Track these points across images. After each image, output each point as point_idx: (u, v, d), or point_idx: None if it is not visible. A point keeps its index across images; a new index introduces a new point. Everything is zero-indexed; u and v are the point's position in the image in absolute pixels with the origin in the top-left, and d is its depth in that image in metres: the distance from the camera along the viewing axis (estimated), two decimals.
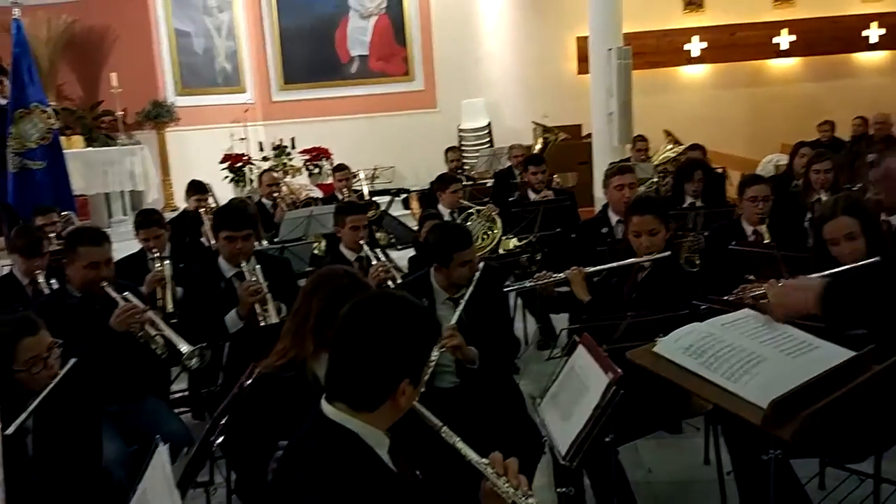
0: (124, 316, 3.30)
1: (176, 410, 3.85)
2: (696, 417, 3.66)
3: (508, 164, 8.17)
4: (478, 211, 5.89)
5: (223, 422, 2.25)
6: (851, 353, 2.13)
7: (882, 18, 11.91)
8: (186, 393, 4.39)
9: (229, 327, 3.68)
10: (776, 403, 1.91)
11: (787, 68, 12.35)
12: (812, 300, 1.68)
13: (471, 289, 3.31)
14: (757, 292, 3.40)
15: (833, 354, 2.15)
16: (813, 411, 1.92)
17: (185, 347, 3.30)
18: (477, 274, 3.33)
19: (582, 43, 10.60)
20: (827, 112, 10.08)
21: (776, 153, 9.11)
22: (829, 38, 11.94)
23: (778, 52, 12.16)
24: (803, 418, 1.90)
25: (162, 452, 1.81)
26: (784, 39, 12.06)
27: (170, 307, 4.07)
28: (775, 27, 12.06)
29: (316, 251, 6.03)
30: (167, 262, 4.38)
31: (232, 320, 3.69)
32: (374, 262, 4.37)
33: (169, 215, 6.44)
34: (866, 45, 12.08)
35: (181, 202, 8.50)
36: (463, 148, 10.74)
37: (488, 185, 7.87)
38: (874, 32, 11.99)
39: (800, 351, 2.19)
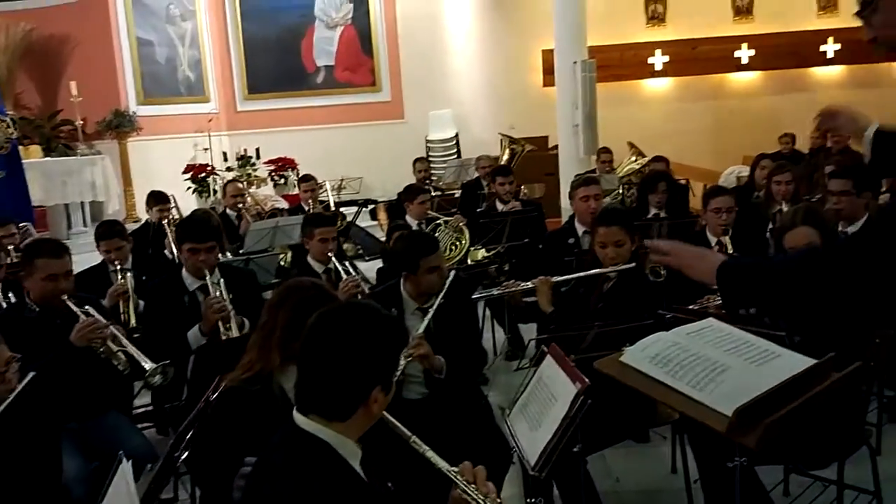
0: (86, 331, 3.23)
1: (139, 426, 3.77)
2: (663, 426, 3.70)
3: (476, 175, 8.19)
4: (445, 222, 5.89)
5: (188, 436, 2.21)
6: (812, 361, 2.17)
7: (838, 34, 12.20)
8: (150, 408, 4.31)
9: (191, 343, 3.62)
10: (740, 411, 1.93)
11: (747, 82, 12.59)
12: (709, 273, 1.76)
13: (440, 298, 3.31)
14: (719, 301, 3.47)
15: (794, 363, 2.18)
16: (776, 419, 1.95)
17: (148, 365, 3.24)
18: (447, 282, 3.33)
19: (547, 55, 10.70)
20: (786, 125, 10.28)
21: (738, 165, 9.27)
22: (788, 52, 12.20)
23: (738, 66, 12.40)
24: (766, 425, 1.93)
25: (125, 468, 1.77)
26: (744, 53, 12.31)
27: (132, 321, 4.01)
28: (735, 41, 12.30)
29: (282, 262, 5.98)
30: (129, 274, 4.31)
31: (194, 337, 3.62)
32: (343, 274, 4.33)
33: (130, 226, 6.35)
34: (823, 60, 12.37)
35: (143, 213, 8.37)
36: (430, 159, 10.75)
37: (456, 195, 7.88)
38: (830, 48, 12.28)
39: (763, 359, 2.22)
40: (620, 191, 7.29)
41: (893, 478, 3.21)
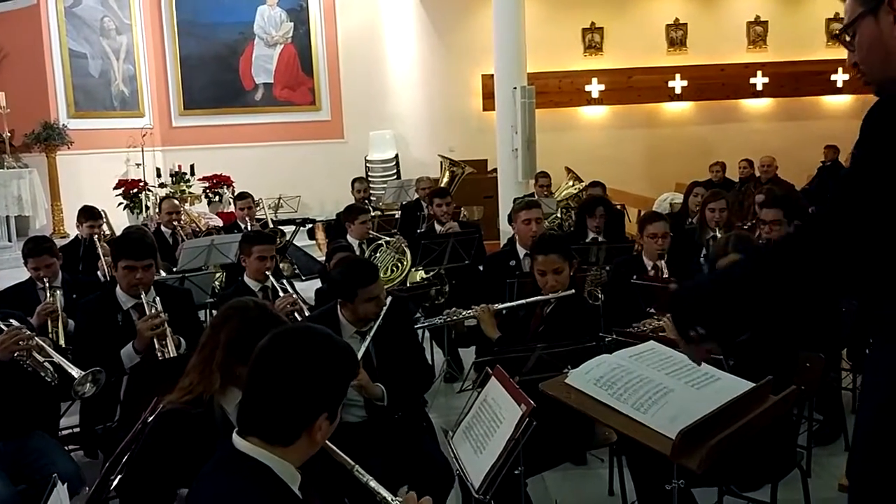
0: (9, 342, 3.11)
1: (66, 448, 3.61)
2: (601, 449, 3.74)
3: (416, 196, 8.21)
4: (387, 242, 5.86)
5: (125, 459, 2.13)
6: (750, 385, 2.23)
7: (766, 68, 12.72)
8: (77, 429, 4.14)
9: (125, 362, 3.50)
10: (684, 433, 1.97)
11: (680, 111, 12.97)
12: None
13: (377, 323, 3.28)
14: (657, 324, 3.56)
15: (734, 386, 2.24)
16: (719, 440, 1.99)
17: (76, 372, 3.13)
18: (384, 309, 3.30)
19: (487, 80, 10.83)
20: (717, 154, 10.64)
21: (671, 192, 9.51)
22: (718, 84, 12.66)
23: (672, 96, 12.77)
24: (710, 447, 1.97)
25: (60, 491, 1.70)
26: (677, 84, 12.69)
27: (62, 341, 3.86)
28: (669, 72, 12.67)
29: (217, 283, 5.86)
30: (59, 292, 4.16)
31: (128, 355, 3.51)
32: (280, 292, 4.28)
33: (59, 242, 6.13)
34: (752, 92, 12.86)
35: (71, 228, 8.11)
36: (370, 179, 10.74)
37: (396, 216, 7.88)
38: (759, 80, 12.78)
39: (703, 382, 2.27)
40: (559, 214, 7.40)
41: (824, 500, 3.32)
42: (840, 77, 12.74)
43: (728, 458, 2.85)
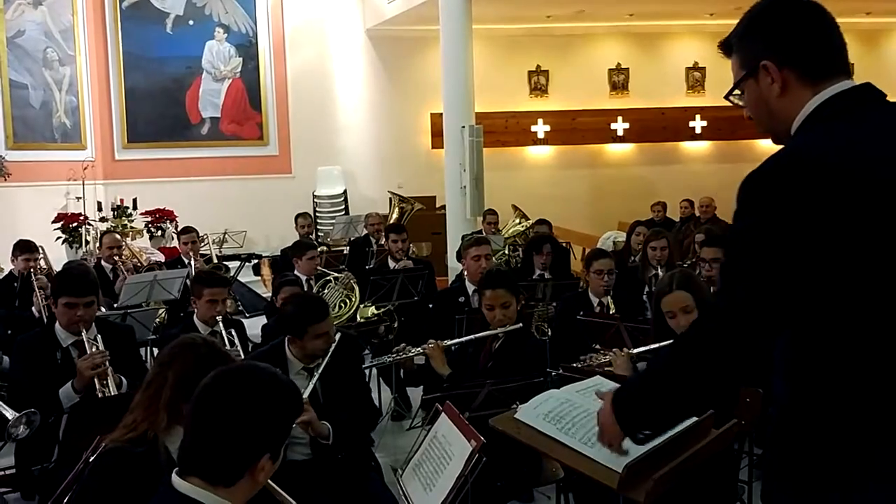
0: None
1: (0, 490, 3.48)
2: (548, 485, 3.75)
3: (365, 231, 8.21)
4: (336, 278, 5.84)
5: (66, 500, 2.06)
6: (693, 419, 2.29)
7: (704, 112, 13.17)
8: (12, 470, 3.97)
9: (63, 402, 3.39)
10: (630, 466, 2.00)
11: (622, 153, 13.30)
12: (610, 418, 1.86)
13: (326, 360, 3.25)
14: (602, 360, 3.61)
15: None
16: (664, 473, 2.03)
17: (9, 414, 3.03)
18: (333, 346, 3.28)
19: (436, 118, 10.96)
20: (658, 194, 10.94)
21: (614, 230, 9.71)
22: (659, 127, 13.05)
23: (614, 138, 13.10)
24: (655, 480, 2.00)
25: None
26: (619, 126, 13.03)
27: None
28: (612, 115, 13.01)
29: (159, 320, 5.73)
30: None
31: (67, 394, 3.40)
32: (227, 344, 4.15)
33: None
34: (692, 135, 13.29)
35: (4, 263, 7.85)
36: (318, 214, 10.69)
37: (344, 252, 7.86)
38: (698, 124, 13.22)
39: None
40: (506, 251, 7.49)
41: None
42: None
43: (673, 491, 2.90)
